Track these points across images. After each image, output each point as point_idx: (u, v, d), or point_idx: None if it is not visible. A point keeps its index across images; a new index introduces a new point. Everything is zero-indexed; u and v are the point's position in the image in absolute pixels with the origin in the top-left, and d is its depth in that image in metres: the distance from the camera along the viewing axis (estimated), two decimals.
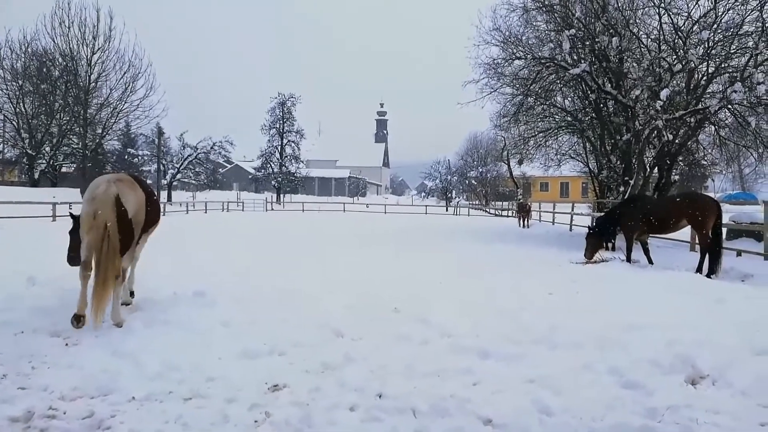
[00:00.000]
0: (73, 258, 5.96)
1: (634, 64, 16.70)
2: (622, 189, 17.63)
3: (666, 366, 4.37)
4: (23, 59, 40.12)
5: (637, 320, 5.67)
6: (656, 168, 17.99)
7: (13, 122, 39.95)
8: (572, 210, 24.67)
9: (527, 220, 28.07)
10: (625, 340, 5.04)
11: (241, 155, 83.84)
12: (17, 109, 39.72)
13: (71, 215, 6.23)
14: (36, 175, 40.21)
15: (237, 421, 3.44)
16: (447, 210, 53.46)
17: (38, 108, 40.54)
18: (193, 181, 58.66)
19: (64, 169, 44.84)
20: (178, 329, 5.24)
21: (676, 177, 20.74)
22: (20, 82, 39.67)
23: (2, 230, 15.41)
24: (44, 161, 40.95)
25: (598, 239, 11.75)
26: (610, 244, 12.25)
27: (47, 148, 40.96)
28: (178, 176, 53.34)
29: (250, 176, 79.05)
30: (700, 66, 15.02)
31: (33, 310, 5.78)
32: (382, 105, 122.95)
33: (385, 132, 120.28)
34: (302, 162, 67.93)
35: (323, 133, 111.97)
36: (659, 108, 14.35)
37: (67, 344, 4.87)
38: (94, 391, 3.82)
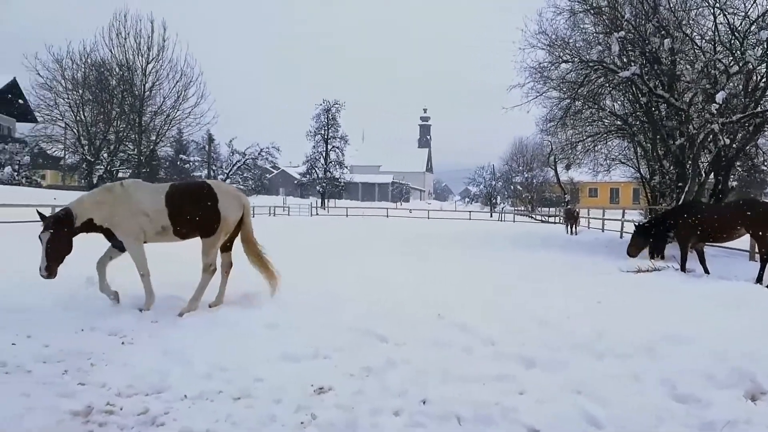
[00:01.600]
0: None
1: (688, 66, 16.12)
2: (675, 195, 17.03)
3: (722, 379, 4.20)
4: (83, 69, 42.17)
5: (690, 331, 5.47)
6: (712, 173, 17.30)
7: (74, 129, 41.97)
8: (623, 216, 23.96)
9: (575, 227, 27.44)
10: (676, 351, 4.88)
11: (287, 161, 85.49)
12: (77, 117, 41.74)
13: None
14: (95, 180, 42.11)
15: (284, 422, 3.52)
16: (491, 216, 52.86)
17: (97, 116, 42.47)
18: (242, 186, 60.15)
19: (120, 174, 46.80)
20: (226, 330, 5.39)
21: (734, 183, 19.90)
22: (80, 91, 41.68)
23: None
24: (102, 167, 42.85)
25: (644, 238, 11.48)
26: (658, 255, 11.85)
27: (105, 154, 42.84)
28: (228, 181, 54.84)
29: (295, 181, 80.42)
30: (759, 67, 14.36)
31: (91, 309, 6.07)
32: (425, 110, 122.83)
33: (428, 137, 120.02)
34: (346, 167, 68.59)
35: (367, 139, 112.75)
36: (715, 111, 13.78)
37: (123, 343, 5.10)
38: (148, 389, 3.98)
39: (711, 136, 15.13)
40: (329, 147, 66.29)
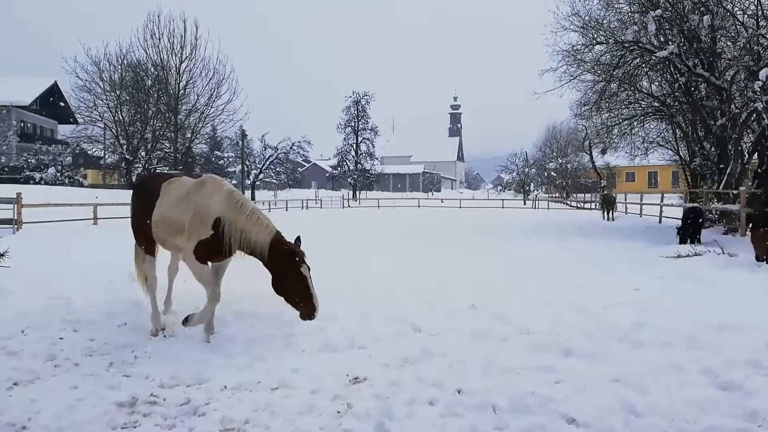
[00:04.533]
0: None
1: (729, 43, 15.51)
2: (717, 177, 16.46)
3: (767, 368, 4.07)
4: (120, 71, 43.25)
5: (733, 319, 5.31)
6: (756, 154, 16.64)
7: (113, 130, 43.16)
8: (661, 201, 23.30)
9: (612, 213, 26.83)
10: (718, 339, 4.75)
11: (318, 154, 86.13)
12: (116, 118, 42.90)
13: None
14: (133, 178, 43.29)
15: (321, 411, 3.57)
16: (525, 203, 52.12)
17: (134, 116, 43.56)
18: (275, 181, 60.96)
19: (157, 172, 48.04)
20: (264, 322, 5.50)
21: None
22: (118, 92, 42.79)
23: (104, 229, 16.79)
24: (140, 165, 43.99)
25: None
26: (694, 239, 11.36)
27: (143, 153, 43.95)
28: (261, 176, 55.60)
29: (327, 174, 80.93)
30: None
31: (133, 304, 6.26)
32: (455, 98, 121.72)
33: (459, 126, 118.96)
34: (377, 159, 68.60)
35: (397, 129, 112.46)
36: (758, 89, 13.22)
37: (164, 336, 5.26)
38: (189, 380, 4.11)
39: (754, 115, 14.54)
40: (360, 139, 66.37)
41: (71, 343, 4.95)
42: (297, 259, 4.84)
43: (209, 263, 5.24)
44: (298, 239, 5.10)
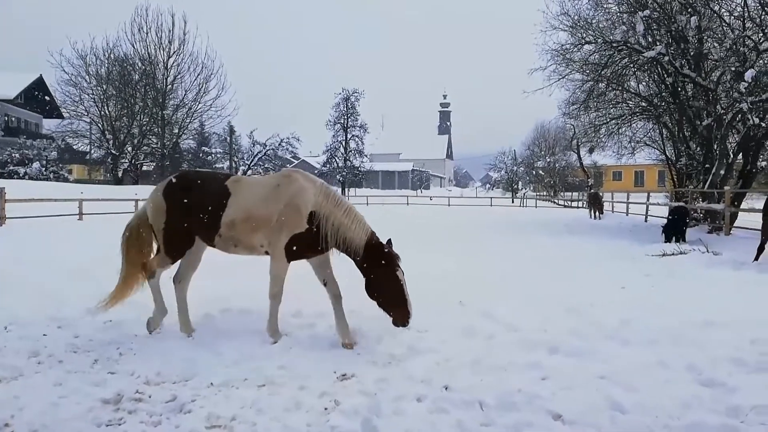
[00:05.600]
0: None
1: (715, 44, 15.69)
2: (702, 177, 16.64)
3: (751, 364, 4.14)
4: (106, 65, 42.83)
5: (718, 317, 5.38)
6: (740, 154, 16.86)
7: (99, 124, 42.76)
8: (648, 200, 23.55)
9: (599, 211, 27.05)
10: (703, 337, 4.81)
11: (307, 151, 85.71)
12: (102, 112, 42.51)
13: None
14: (120, 174, 42.89)
15: (308, 408, 3.56)
16: (513, 202, 52.38)
17: (121, 110, 43.19)
18: None
19: (144, 168, 47.59)
20: (251, 319, 5.46)
21: (763, 163, 19.34)
22: (104, 86, 42.41)
23: (90, 225, 16.61)
24: (127, 160, 43.63)
25: None
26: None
27: (129, 148, 43.58)
28: (249, 172, 55.25)
29: (315, 171, 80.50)
30: None
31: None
32: (444, 96, 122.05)
33: (448, 124, 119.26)
34: (366, 156, 68.47)
35: (386, 127, 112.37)
36: (744, 90, 13.40)
37: (150, 333, 5.20)
38: (175, 377, 4.07)
39: (739, 116, 14.73)
40: (349, 136, 66.19)
41: (55, 339, 4.89)
42: (394, 262, 4.66)
43: (306, 260, 5.02)
44: (389, 242, 4.86)
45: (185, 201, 5.00)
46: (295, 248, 4.82)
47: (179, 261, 5.28)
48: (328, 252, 5.02)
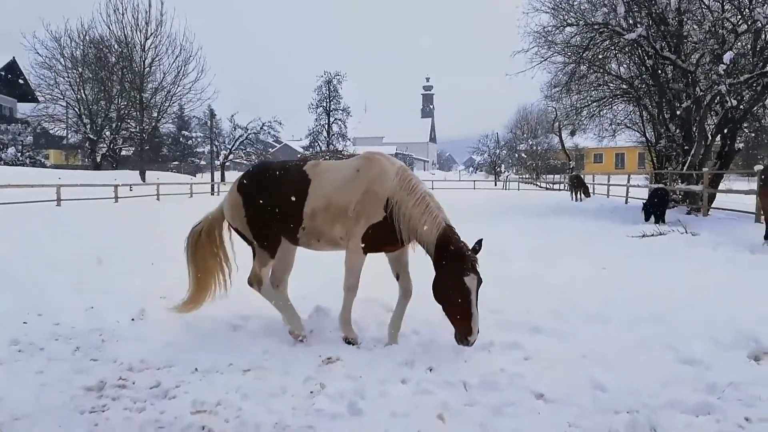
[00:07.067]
0: None
1: (695, 27, 15.81)
2: (681, 159, 16.88)
3: (727, 343, 4.25)
4: (82, 47, 41.67)
5: (696, 296, 5.50)
6: (719, 136, 17.11)
7: (75, 108, 41.71)
8: (628, 182, 23.84)
9: (581, 193, 27.33)
10: (682, 316, 4.91)
11: (289, 135, 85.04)
12: (78, 96, 41.42)
13: None
14: (98, 159, 42.10)
15: (294, 392, 3.57)
16: (496, 185, 52.68)
17: (98, 94, 42.15)
18: (245, 161, 59.96)
19: (123, 152, 46.76)
20: (236, 305, 5.43)
21: (741, 145, 19.68)
22: (80, 69, 41.25)
23: (68, 210, 16.35)
24: (105, 145, 42.76)
25: None
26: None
27: (107, 133, 42.69)
28: (231, 157, 54.64)
29: (298, 155, 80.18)
30: None
31: (100, 287, 6.12)
32: (428, 79, 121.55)
33: (431, 107, 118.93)
34: (349, 140, 68.17)
35: (369, 110, 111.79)
36: (722, 72, 13.56)
37: (133, 319, 5.15)
38: (159, 363, 4.04)
39: (718, 98, 14.92)
40: (331, 119, 65.78)
41: (36, 327, 4.81)
42: (464, 265, 4.02)
43: (384, 253, 4.61)
44: (479, 243, 4.23)
45: (265, 194, 4.62)
46: (372, 240, 4.42)
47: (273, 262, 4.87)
48: (405, 246, 4.60)
